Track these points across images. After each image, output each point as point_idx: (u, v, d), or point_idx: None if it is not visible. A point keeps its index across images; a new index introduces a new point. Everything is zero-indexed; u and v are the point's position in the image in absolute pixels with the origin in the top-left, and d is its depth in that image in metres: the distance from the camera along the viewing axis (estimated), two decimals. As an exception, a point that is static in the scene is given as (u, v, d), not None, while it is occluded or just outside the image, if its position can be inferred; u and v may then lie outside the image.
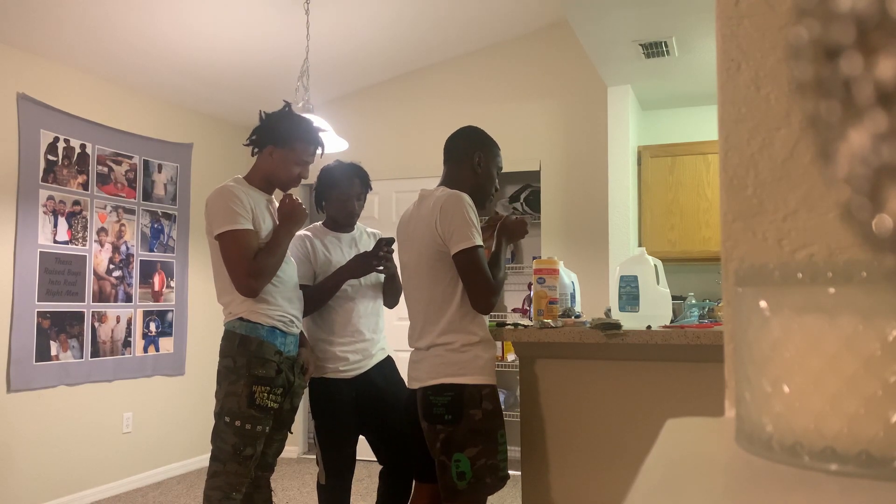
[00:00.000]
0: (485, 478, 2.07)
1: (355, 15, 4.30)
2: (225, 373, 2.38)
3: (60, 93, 4.25)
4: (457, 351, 2.10)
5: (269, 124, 2.51)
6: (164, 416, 4.92)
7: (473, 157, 2.29)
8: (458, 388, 2.08)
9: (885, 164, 0.25)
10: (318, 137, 2.56)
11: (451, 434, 2.07)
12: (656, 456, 0.46)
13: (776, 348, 0.43)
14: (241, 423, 2.33)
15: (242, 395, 2.33)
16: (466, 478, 2.06)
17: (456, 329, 2.12)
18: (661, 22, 3.55)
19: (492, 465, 2.09)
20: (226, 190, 2.39)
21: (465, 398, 2.07)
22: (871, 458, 0.39)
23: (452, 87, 5.27)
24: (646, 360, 2.19)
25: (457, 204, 2.10)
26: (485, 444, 2.07)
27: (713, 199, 4.41)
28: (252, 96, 5.18)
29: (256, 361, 2.35)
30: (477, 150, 2.30)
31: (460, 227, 2.08)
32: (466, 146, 2.30)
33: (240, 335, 2.37)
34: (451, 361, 2.10)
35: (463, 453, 2.06)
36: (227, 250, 2.34)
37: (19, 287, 3.93)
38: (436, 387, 2.10)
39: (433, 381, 2.11)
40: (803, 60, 0.28)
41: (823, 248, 0.61)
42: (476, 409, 2.07)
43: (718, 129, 0.66)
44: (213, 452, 2.37)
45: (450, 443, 2.07)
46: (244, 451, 2.34)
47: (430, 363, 2.13)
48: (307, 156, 2.52)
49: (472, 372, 2.09)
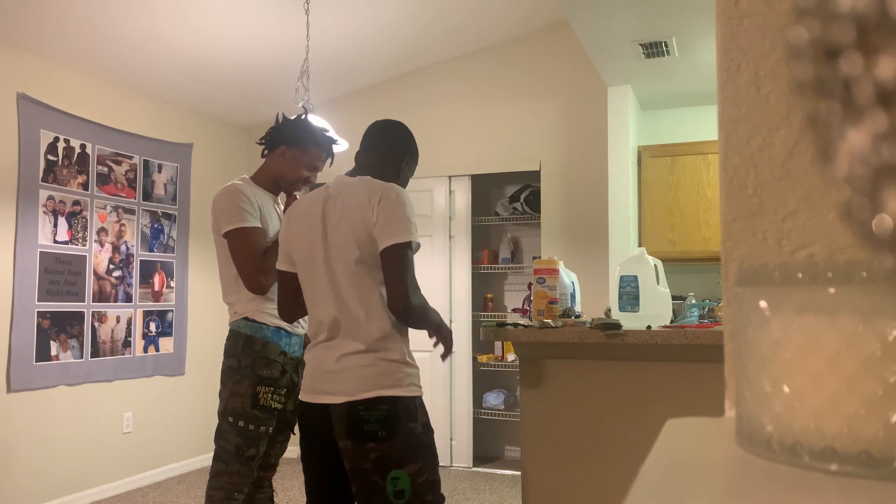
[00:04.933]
0: (426, 495, 1.90)
1: (355, 15, 4.30)
2: (229, 372, 2.38)
3: (60, 93, 4.25)
4: (395, 361, 1.91)
5: (287, 125, 2.52)
6: (164, 416, 4.92)
7: (402, 161, 2.12)
8: (392, 400, 1.88)
9: (885, 164, 0.25)
10: (331, 147, 2.58)
11: (387, 451, 1.86)
12: (656, 456, 0.46)
13: (776, 348, 0.43)
14: (244, 424, 2.33)
15: (246, 395, 2.33)
16: (405, 496, 1.87)
17: (392, 336, 1.92)
18: (661, 22, 3.55)
19: (433, 482, 1.94)
20: (233, 188, 2.40)
21: (401, 411, 1.88)
22: (871, 458, 0.39)
23: (452, 87, 5.27)
24: (646, 360, 2.19)
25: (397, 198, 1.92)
26: (426, 459, 1.91)
27: (713, 199, 4.41)
28: (252, 96, 5.18)
29: (261, 362, 2.35)
30: (407, 156, 2.13)
31: (402, 221, 1.90)
32: (399, 147, 2.12)
33: (245, 335, 2.37)
34: (387, 372, 1.89)
35: (403, 469, 1.87)
36: (236, 248, 2.35)
37: (19, 287, 3.93)
38: (368, 400, 1.87)
39: (365, 395, 1.87)
40: (803, 60, 0.28)
41: (823, 248, 0.61)
42: (414, 423, 1.90)
43: (718, 129, 0.66)
44: (216, 452, 2.37)
45: (385, 460, 1.86)
46: (247, 452, 2.34)
47: (360, 374, 1.89)
48: (318, 161, 2.54)
49: (406, 383, 1.91)
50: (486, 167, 5.15)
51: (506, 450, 5.47)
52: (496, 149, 5.13)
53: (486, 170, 5.16)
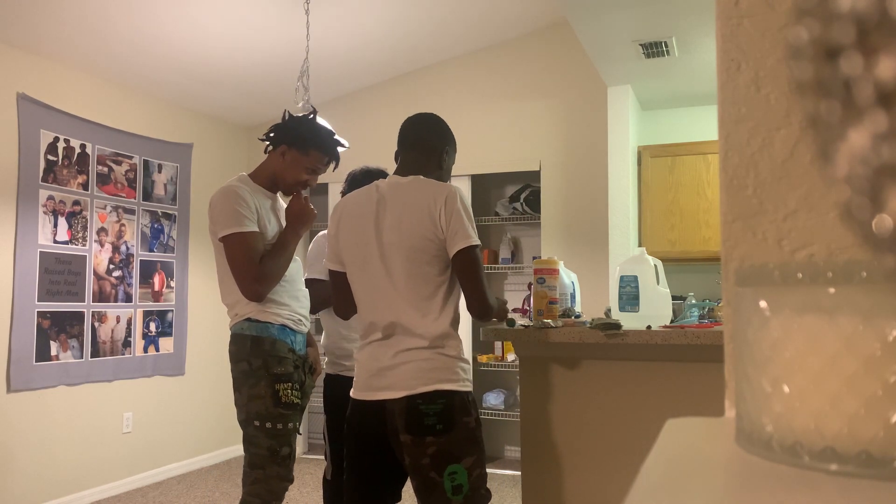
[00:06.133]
0: (480, 488, 1.95)
1: (355, 15, 4.30)
2: (243, 378, 2.32)
3: (60, 93, 4.25)
4: (452, 357, 1.95)
5: (291, 124, 2.45)
6: (164, 416, 4.92)
7: (443, 151, 2.14)
8: (448, 394, 1.91)
9: (885, 164, 0.25)
10: (335, 151, 2.50)
11: (444, 445, 1.89)
12: (656, 456, 0.46)
13: (776, 348, 0.43)
14: (271, 425, 2.28)
15: (267, 396, 2.28)
16: (463, 491, 1.90)
17: (450, 333, 1.97)
18: (661, 22, 3.55)
19: (484, 476, 1.99)
20: (230, 190, 2.33)
21: (457, 405, 1.92)
22: (871, 458, 0.39)
23: (452, 87, 5.27)
24: (646, 360, 2.19)
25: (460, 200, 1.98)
26: (480, 453, 1.96)
27: (713, 199, 4.41)
28: (252, 96, 5.19)
29: (273, 360, 2.31)
30: (446, 145, 2.15)
31: (469, 224, 1.96)
32: (437, 139, 2.14)
33: (251, 336, 2.31)
34: (444, 366, 1.93)
35: (460, 464, 1.90)
36: (233, 253, 2.29)
37: (19, 287, 3.93)
38: (426, 394, 1.90)
39: (424, 389, 1.90)
40: (803, 60, 0.28)
41: (823, 248, 0.61)
42: (469, 417, 1.94)
43: (718, 129, 0.66)
44: (249, 460, 2.31)
45: (442, 454, 1.89)
46: (281, 452, 2.30)
47: (419, 368, 1.92)
48: (320, 164, 2.47)
49: (461, 378, 1.96)
50: (486, 167, 5.15)
51: (506, 450, 5.47)
52: (496, 149, 5.13)
53: (486, 170, 5.16)
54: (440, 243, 1.94)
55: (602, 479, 2.22)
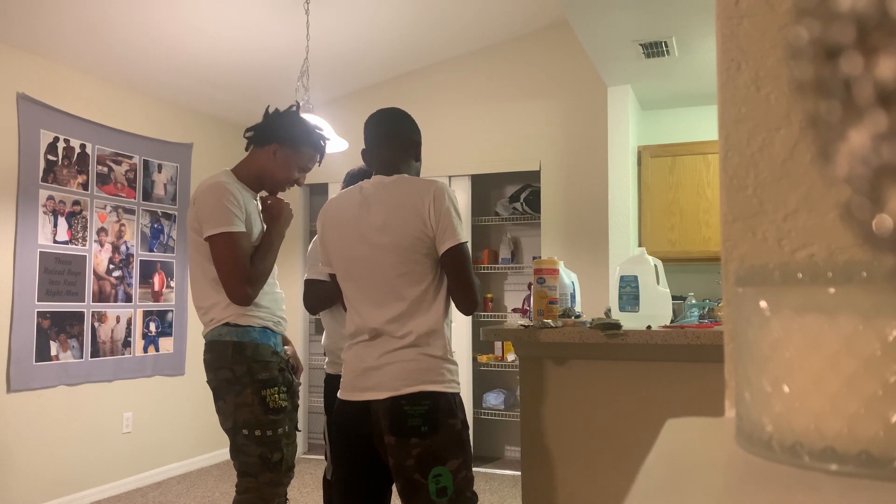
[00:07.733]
0: (465, 491, 1.92)
1: (355, 15, 4.30)
2: (226, 386, 2.23)
3: (60, 93, 4.25)
4: (437, 357, 1.92)
5: (279, 122, 2.39)
6: (164, 416, 4.92)
7: (418, 144, 2.12)
8: (434, 396, 1.89)
9: (885, 164, 0.25)
10: (323, 146, 2.48)
11: (429, 447, 1.87)
12: (656, 456, 0.46)
13: (776, 348, 0.43)
14: (261, 432, 2.22)
15: (255, 403, 2.21)
16: (448, 493, 1.87)
17: (436, 332, 1.94)
18: (661, 22, 3.55)
19: (471, 478, 1.96)
20: (221, 186, 2.23)
21: (442, 406, 1.90)
22: (871, 458, 0.39)
23: (452, 87, 5.27)
24: (646, 360, 2.19)
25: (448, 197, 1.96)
26: (465, 456, 1.93)
27: (713, 199, 4.41)
28: (252, 96, 5.18)
29: (258, 366, 2.23)
30: (419, 136, 2.14)
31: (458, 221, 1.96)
32: (412, 132, 2.12)
33: (232, 343, 2.22)
34: (429, 367, 1.90)
35: (444, 466, 1.88)
36: (221, 254, 2.18)
37: (19, 287, 3.93)
38: (411, 395, 1.87)
39: (408, 390, 1.88)
40: (803, 60, 0.28)
41: (823, 248, 0.61)
42: (454, 419, 1.91)
43: (718, 129, 0.66)
44: (240, 469, 2.25)
45: (427, 456, 1.87)
46: (272, 458, 2.24)
47: (403, 369, 1.90)
48: (311, 162, 2.44)
49: (447, 379, 1.93)
50: (486, 167, 5.15)
51: (506, 450, 5.47)
52: (496, 149, 5.13)
53: (486, 170, 5.16)
54: (430, 242, 1.93)
55: (602, 479, 2.22)
